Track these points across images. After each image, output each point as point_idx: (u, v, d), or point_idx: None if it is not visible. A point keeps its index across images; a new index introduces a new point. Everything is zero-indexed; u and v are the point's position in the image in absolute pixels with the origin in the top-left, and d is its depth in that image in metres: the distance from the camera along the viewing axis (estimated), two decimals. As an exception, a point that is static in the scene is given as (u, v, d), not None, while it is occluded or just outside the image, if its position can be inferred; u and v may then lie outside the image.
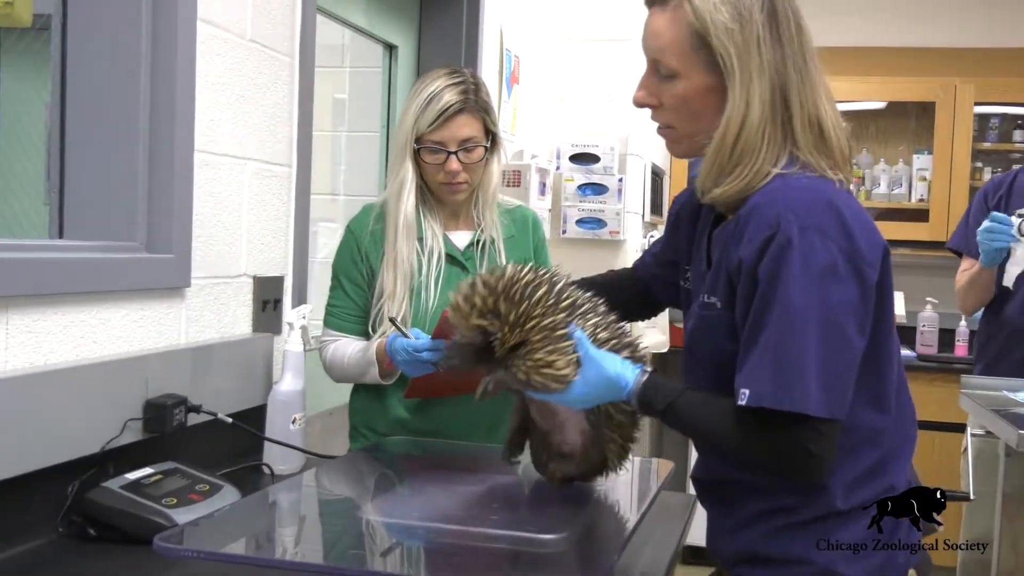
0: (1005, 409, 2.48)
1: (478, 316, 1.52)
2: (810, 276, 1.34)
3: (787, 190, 1.40)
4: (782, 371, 1.34)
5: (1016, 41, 5.14)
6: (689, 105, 1.48)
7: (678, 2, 1.46)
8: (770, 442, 1.38)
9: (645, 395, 1.48)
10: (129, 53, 1.86)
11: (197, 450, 1.88)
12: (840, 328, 1.36)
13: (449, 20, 3.38)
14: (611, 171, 4.12)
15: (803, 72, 1.45)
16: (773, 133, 1.44)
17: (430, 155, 2.10)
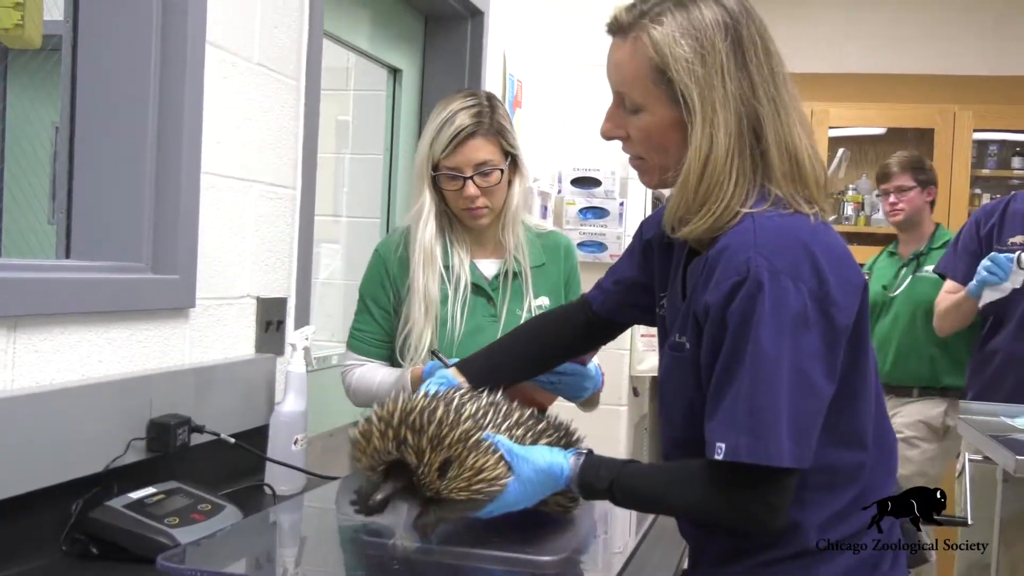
0: (1003, 435, 2.50)
1: (385, 451, 1.47)
2: (781, 324, 1.30)
3: (758, 232, 1.35)
4: (756, 425, 1.29)
5: (1014, 69, 5.19)
6: (655, 139, 1.43)
7: (636, 34, 1.41)
8: (734, 495, 1.35)
9: (584, 478, 1.43)
10: (138, 75, 1.88)
11: (200, 470, 1.89)
12: (810, 377, 1.32)
13: (453, 44, 3.41)
14: (612, 195, 4.15)
15: (775, 99, 1.40)
16: (742, 166, 1.38)
17: (447, 182, 2.09)
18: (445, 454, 1.43)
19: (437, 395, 1.53)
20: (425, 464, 1.44)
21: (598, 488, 1.43)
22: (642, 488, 1.44)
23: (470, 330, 2.11)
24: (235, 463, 2.04)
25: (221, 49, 2.00)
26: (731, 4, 1.41)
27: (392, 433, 1.46)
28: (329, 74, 2.56)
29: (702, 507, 1.40)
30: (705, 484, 1.37)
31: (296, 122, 2.31)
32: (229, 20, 2.02)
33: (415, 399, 1.51)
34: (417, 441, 1.44)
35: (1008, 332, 3.13)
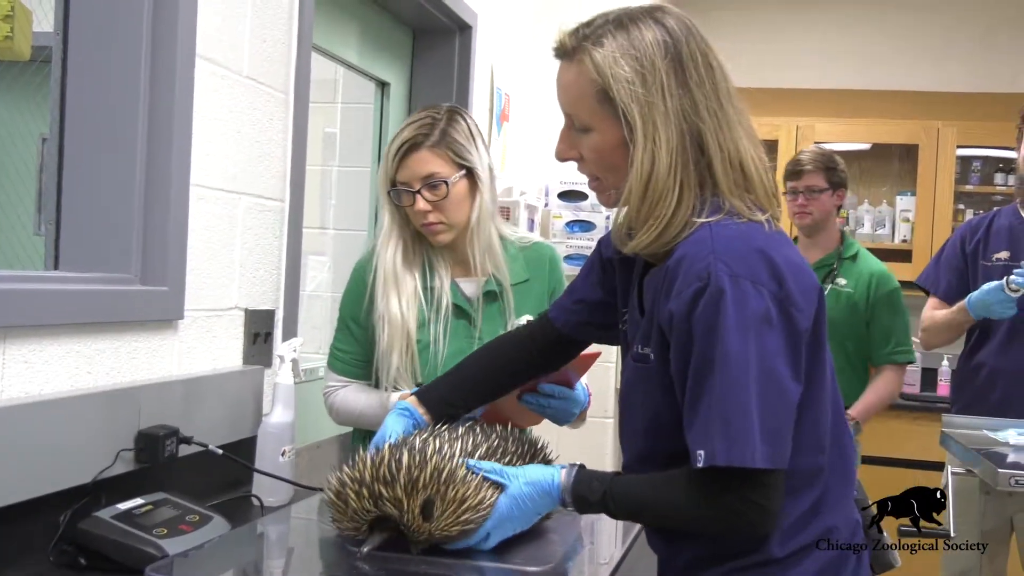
0: (985, 448, 2.52)
1: (363, 510, 1.47)
2: (745, 326, 1.32)
3: (715, 240, 1.37)
4: (728, 429, 1.31)
5: (997, 86, 5.23)
6: (605, 158, 1.46)
7: (580, 56, 1.45)
8: (721, 501, 1.36)
9: (578, 491, 1.45)
10: (128, 87, 1.89)
11: (188, 481, 1.90)
12: (778, 378, 1.34)
13: (441, 58, 3.43)
14: (599, 208, 4.17)
15: (718, 113, 1.42)
16: (687, 180, 1.40)
17: (402, 197, 2.07)
18: (423, 496, 1.44)
19: (401, 443, 1.53)
20: (407, 512, 1.44)
21: (592, 500, 1.44)
22: (635, 497, 1.44)
23: (452, 353, 2.07)
24: (223, 474, 2.05)
25: (210, 62, 2.01)
26: (671, 23, 1.44)
27: (367, 492, 1.46)
28: (317, 86, 2.57)
29: (692, 514, 1.40)
30: (691, 492, 1.38)
31: (284, 135, 2.32)
32: (218, 33, 2.04)
33: (381, 452, 1.50)
34: (392, 492, 1.44)
35: (994, 346, 3.14)
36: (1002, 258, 3.15)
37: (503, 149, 3.90)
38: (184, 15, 1.91)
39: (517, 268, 2.18)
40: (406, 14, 3.28)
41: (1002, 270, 3.06)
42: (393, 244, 2.10)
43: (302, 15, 2.35)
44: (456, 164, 2.08)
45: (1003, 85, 5.19)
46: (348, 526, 1.50)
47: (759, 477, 1.33)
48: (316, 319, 3.13)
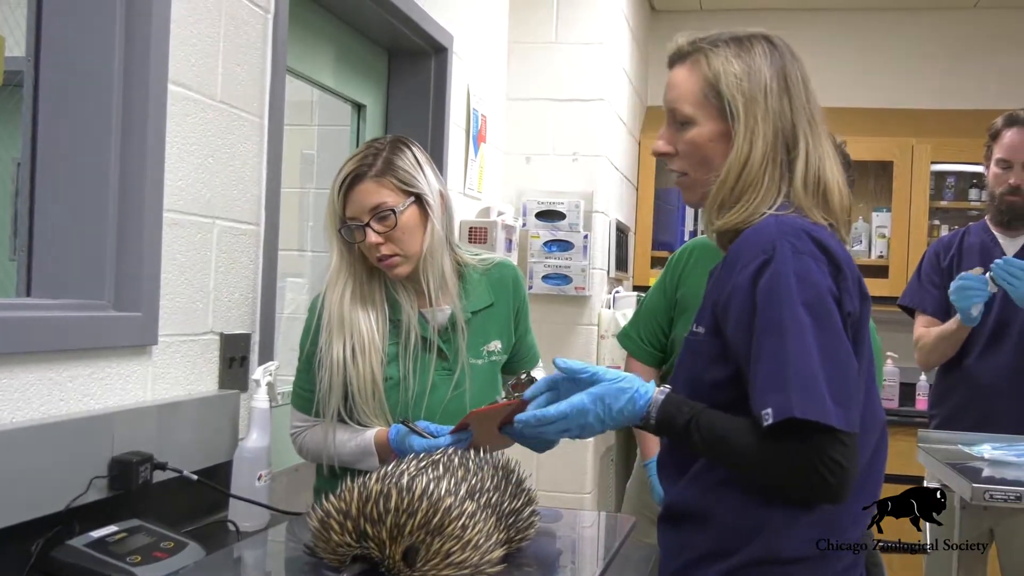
0: (961, 463, 2.53)
1: (345, 544, 1.46)
2: (807, 297, 1.42)
3: (780, 223, 1.49)
4: (800, 384, 1.38)
5: (970, 103, 5.28)
6: (700, 150, 1.60)
7: (695, 57, 1.62)
8: (797, 456, 1.39)
9: (667, 408, 1.51)
10: (100, 112, 1.89)
11: (163, 507, 1.89)
12: (837, 347, 1.42)
13: (417, 80, 3.44)
14: (576, 228, 4.18)
15: (809, 125, 1.59)
16: (773, 174, 1.55)
17: (353, 233, 2.02)
18: (407, 542, 1.43)
19: (387, 477, 1.52)
20: (388, 556, 1.44)
21: (679, 422, 1.49)
22: (719, 431, 1.47)
23: (421, 391, 2.05)
24: (198, 500, 2.04)
25: (183, 87, 2.01)
26: (780, 44, 1.64)
27: (351, 526, 1.46)
28: (293, 109, 2.58)
29: (767, 465, 1.43)
30: (767, 447, 1.42)
31: (259, 159, 2.32)
32: (191, 58, 2.04)
33: (369, 486, 1.49)
34: (377, 533, 1.44)
35: (972, 359, 3.15)
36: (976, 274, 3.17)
37: (480, 170, 3.91)
38: (156, 40, 1.91)
39: (480, 293, 2.14)
40: (381, 37, 3.29)
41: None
42: (341, 285, 2.05)
43: (276, 39, 2.35)
44: (403, 192, 2.03)
45: (975, 102, 5.25)
46: (329, 556, 1.49)
47: (835, 434, 1.38)
48: (293, 342, 3.11)
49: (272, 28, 2.34)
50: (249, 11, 2.25)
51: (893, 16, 5.54)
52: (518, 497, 1.66)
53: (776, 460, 1.42)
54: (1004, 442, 2.71)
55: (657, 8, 5.66)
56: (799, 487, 1.43)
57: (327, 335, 2.04)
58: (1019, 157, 3.10)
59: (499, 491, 1.61)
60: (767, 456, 1.42)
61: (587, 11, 4.31)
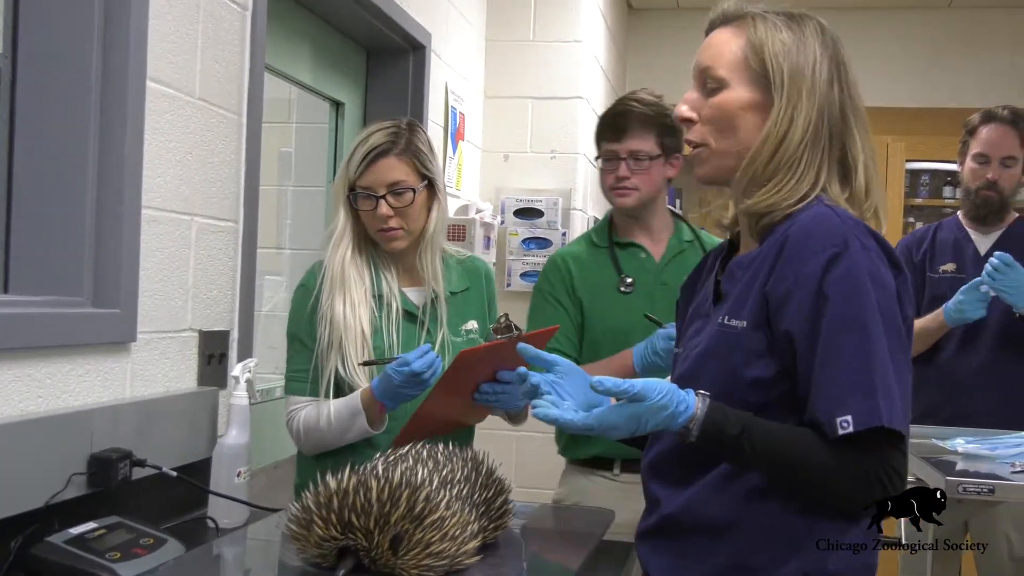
0: (934, 457, 2.55)
1: (330, 537, 1.46)
2: (880, 299, 1.35)
3: (843, 217, 1.40)
4: (884, 391, 1.32)
5: (944, 101, 5.33)
6: (727, 117, 1.48)
7: (742, 20, 1.51)
8: (865, 467, 1.34)
9: (713, 417, 1.36)
10: (78, 110, 1.88)
11: (142, 504, 1.89)
12: (903, 356, 1.37)
13: (395, 78, 3.45)
14: (554, 225, 4.20)
15: (855, 115, 1.49)
16: (812, 158, 1.45)
17: (362, 202, 2.10)
18: (393, 532, 1.44)
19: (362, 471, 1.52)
20: (376, 546, 1.44)
21: (728, 433, 1.36)
22: (775, 442, 1.37)
23: None
24: (178, 496, 2.04)
25: (162, 84, 2.01)
26: (830, 30, 1.53)
27: (335, 518, 1.45)
28: (271, 106, 2.58)
29: (828, 476, 1.35)
30: (831, 453, 1.34)
31: (238, 156, 2.32)
32: (170, 55, 2.04)
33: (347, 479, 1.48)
34: (364, 523, 1.44)
35: (948, 355, 3.18)
36: (948, 270, 3.20)
37: (459, 168, 3.92)
38: (135, 37, 1.91)
39: (456, 278, 2.23)
40: (359, 34, 3.29)
41: (949, 282, 3.11)
42: (344, 245, 2.12)
43: (254, 37, 2.35)
44: (420, 174, 2.13)
45: (950, 100, 5.30)
46: (313, 552, 1.49)
47: (900, 444, 1.34)
48: (272, 339, 3.12)
49: (251, 25, 2.34)
50: (228, 8, 2.25)
51: (868, 15, 5.58)
52: (489, 487, 1.66)
53: (843, 469, 1.34)
54: (977, 436, 2.74)
55: (634, 6, 5.68)
56: (861, 498, 1.36)
57: (328, 292, 2.09)
58: (997, 152, 3.13)
59: (470, 482, 1.62)
60: (833, 465, 1.34)
61: (565, 9, 4.32)
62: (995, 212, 3.19)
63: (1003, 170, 3.14)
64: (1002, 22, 5.47)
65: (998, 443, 2.66)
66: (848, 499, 1.38)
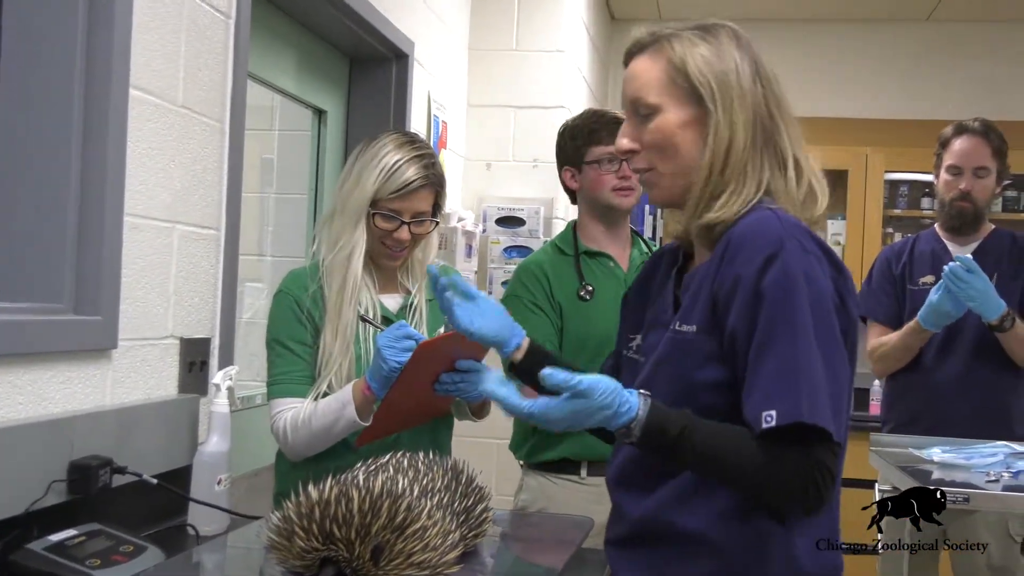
0: (911, 466, 2.58)
1: (311, 548, 1.46)
2: (814, 300, 1.38)
3: (782, 219, 1.43)
4: (809, 389, 1.33)
5: (923, 113, 5.38)
6: (667, 139, 1.51)
7: (658, 44, 1.54)
8: (793, 464, 1.35)
9: (654, 415, 1.39)
10: (61, 117, 1.88)
11: (122, 511, 1.89)
12: (835, 356, 1.39)
13: (378, 86, 3.46)
14: (536, 234, 4.21)
15: (784, 112, 1.53)
16: (755, 162, 1.49)
17: (383, 221, 2.13)
18: (374, 542, 1.44)
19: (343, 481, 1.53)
20: (357, 557, 1.44)
21: (669, 433, 1.38)
22: (714, 440, 1.39)
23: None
24: (158, 504, 2.04)
25: (144, 91, 2.02)
26: (743, 34, 1.57)
27: (317, 529, 1.46)
28: (254, 113, 2.58)
29: (760, 473, 1.38)
30: (761, 450, 1.37)
31: (220, 163, 2.33)
32: (153, 63, 2.04)
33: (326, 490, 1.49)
34: (346, 534, 1.44)
35: (924, 365, 3.20)
36: (928, 282, 3.23)
37: (440, 176, 3.92)
38: (118, 45, 1.91)
39: (428, 286, 2.21)
40: (342, 43, 3.30)
41: (928, 294, 3.14)
42: (357, 257, 2.14)
43: (237, 45, 2.36)
44: (437, 205, 2.21)
45: (928, 112, 5.34)
46: (295, 563, 1.49)
47: (831, 444, 1.35)
48: (253, 347, 3.12)
49: (234, 33, 2.35)
50: (211, 16, 2.26)
51: (848, 27, 5.62)
52: (469, 496, 1.67)
53: (770, 465, 1.36)
54: (953, 445, 2.77)
55: (617, 16, 5.71)
56: (787, 495, 1.38)
57: (342, 302, 2.12)
58: (969, 163, 3.17)
59: (450, 491, 1.63)
60: (761, 461, 1.36)
61: (548, 19, 4.34)
62: (970, 223, 3.22)
63: (976, 181, 3.17)
64: (980, 35, 5.52)
65: (973, 452, 2.69)
66: (777, 495, 1.40)
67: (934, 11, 5.41)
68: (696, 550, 1.46)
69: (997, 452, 2.71)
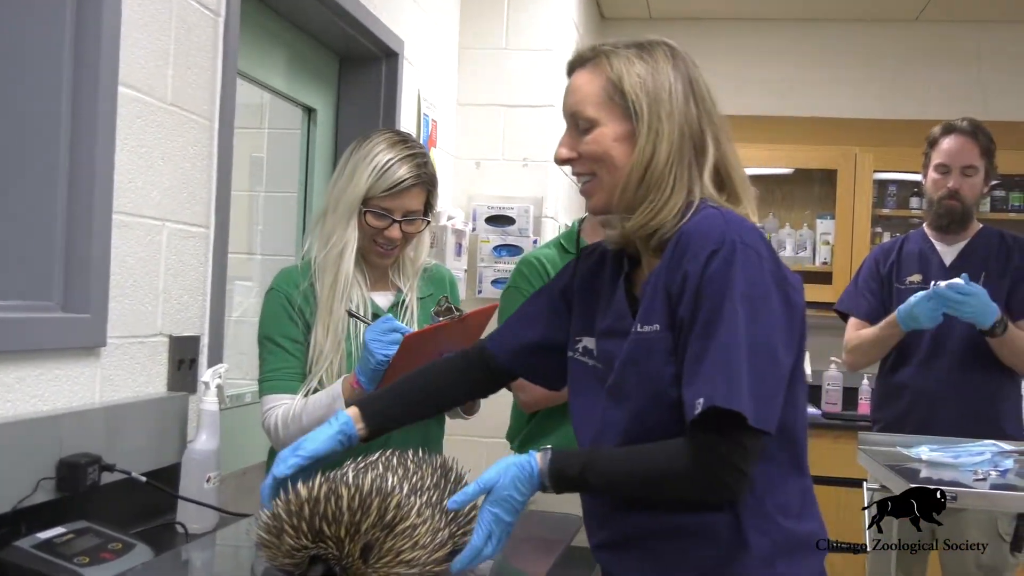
0: (899, 464, 2.59)
1: (300, 546, 1.47)
2: (748, 293, 1.43)
3: (726, 216, 1.51)
4: (729, 377, 1.40)
5: (911, 113, 5.40)
6: (603, 151, 1.57)
7: (597, 60, 1.60)
8: (702, 458, 1.42)
9: (556, 468, 1.50)
10: (49, 114, 1.88)
11: (111, 509, 1.89)
12: (771, 346, 1.44)
13: (368, 85, 3.46)
14: (526, 233, 4.21)
15: (715, 125, 1.59)
16: (680, 175, 1.54)
17: (375, 219, 2.15)
18: (363, 540, 1.45)
19: (334, 478, 1.53)
20: (347, 555, 1.45)
21: (570, 475, 1.50)
22: (614, 465, 1.50)
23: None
24: (147, 502, 2.03)
25: (133, 89, 2.01)
26: (680, 52, 1.62)
27: (306, 527, 1.46)
28: (243, 111, 2.58)
29: (670, 473, 1.46)
30: (676, 450, 1.45)
31: (209, 161, 2.32)
32: (142, 61, 2.04)
33: (318, 487, 1.50)
34: (335, 531, 1.45)
35: (914, 365, 3.21)
36: (915, 281, 3.24)
37: (430, 174, 3.92)
38: (107, 42, 1.91)
39: (420, 284, 2.30)
40: (332, 41, 3.30)
41: (915, 292, 3.15)
42: (349, 255, 2.16)
43: (227, 42, 2.36)
44: (429, 204, 2.23)
45: (917, 112, 5.36)
46: (284, 561, 1.49)
47: (741, 436, 1.41)
48: (242, 345, 3.12)
49: (223, 31, 2.35)
50: (200, 14, 2.25)
51: (838, 27, 5.64)
52: (458, 484, 1.67)
53: (682, 463, 1.44)
54: (941, 444, 2.78)
55: (606, 16, 5.71)
56: (699, 490, 1.46)
57: (333, 299, 2.14)
58: (957, 162, 3.19)
59: (439, 489, 1.63)
60: (674, 461, 1.45)
61: (537, 18, 4.35)
62: (958, 221, 3.23)
63: (964, 180, 3.19)
64: (969, 36, 5.54)
65: (961, 451, 2.70)
66: (702, 482, 1.45)
67: (923, 11, 5.43)
68: (694, 541, 1.53)
69: (984, 451, 2.73)
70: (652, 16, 5.61)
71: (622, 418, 1.55)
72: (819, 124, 5.54)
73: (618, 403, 1.56)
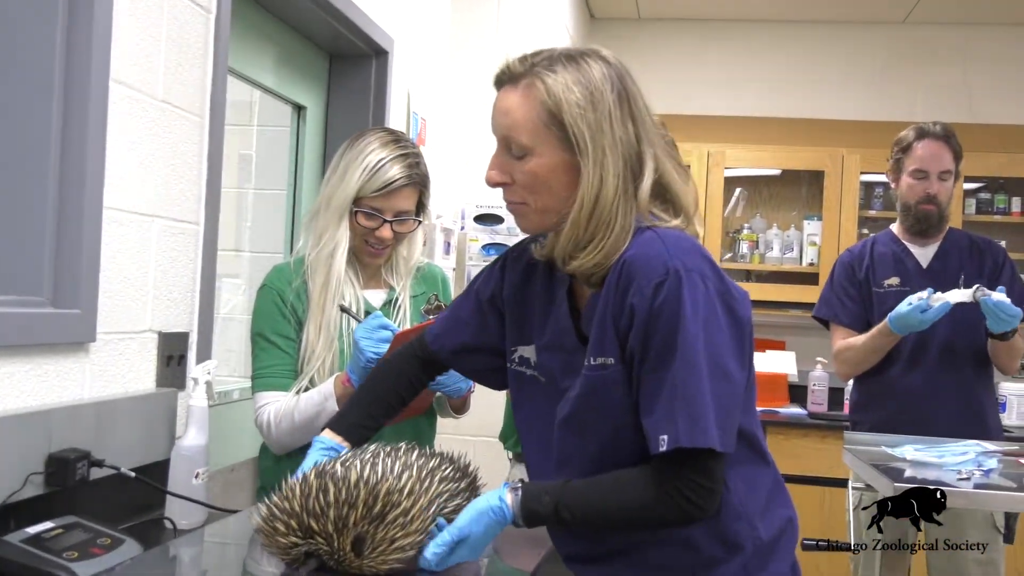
0: (884, 463, 2.61)
1: (292, 543, 1.48)
2: (698, 317, 1.42)
3: (665, 240, 1.47)
4: (691, 411, 1.40)
5: (898, 115, 5.43)
6: (542, 181, 1.50)
7: (530, 81, 1.49)
8: (673, 486, 1.43)
9: (527, 506, 1.48)
10: (40, 110, 1.88)
11: (100, 504, 1.89)
12: (724, 366, 1.43)
13: (357, 83, 3.46)
14: (515, 232, 4.22)
15: (654, 144, 1.52)
16: (626, 206, 1.49)
17: (365, 219, 2.15)
18: (353, 534, 1.46)
19: (322, 471, 1.54)
20: (338, 549, 1.46)
21: (543, 513, 1.48)
22: (586, 501, 1.48)
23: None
24: (135, 497, 2.04)
25: (125, 85, 2.02)
26: (614, 62, 1.53)
27: (296, 524, 1.47)
28: (233, 108, 2.58)
29: (642, 504, 1.46)
30: (645, 481, 1.45)
31: (200, 158, 2.32)
32: (133, 57, 2.04)
33: (308, 482, 1.51)
34: (323, 527, 1.46)
35: (900, 367, 3.23)
36: (893, 284, 3.27)
37: (420, 173, 3.93)
38: (98, 38, 1.91)
39: (413, 283, 2.31)
40: (322, 39, 3.30)
41: (895, 295, 3.17)
42: (340, 254, 2.16)
43: (218, 40, 2.36)
44: (421, 204, 2.22)
45: (903, 114, 5.39)
46: (280, 553, 1.51)
47: (707, 461, 1.42)
48: (231, 342, 3.12)
49: (214, 28, 2.35)
50: (191, 11, 2.26)
51: (826, 29, 5.67)
52: (455, 480, 1.67)
53: (654, 494, 1.44)
54: (925, 444, 2.80)
55: (596, 16, 5.73)
56: (673, 517, 1.46)
57: (325, 298, 2.14)
58: (934, 167, 3.22)
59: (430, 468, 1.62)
60: (645, 493, 1.45)
61: (528, 17, 4.36)
62: (935, 225, 3.28)
63: (941, 184, 3.23)
64: (955, 38, 5.58)
65: (945, 451, 2.72)
66: (668, 519, 1.46)
67: (911, 13, 5.46)
68: (675, 551, 1.54)
69: (968, 451, 2.75)
70: (641, 16, 5.63)
71: (586, 450, 1.54)
72: (806, 125, 5.57)
73: (579, 435, 1.55)
